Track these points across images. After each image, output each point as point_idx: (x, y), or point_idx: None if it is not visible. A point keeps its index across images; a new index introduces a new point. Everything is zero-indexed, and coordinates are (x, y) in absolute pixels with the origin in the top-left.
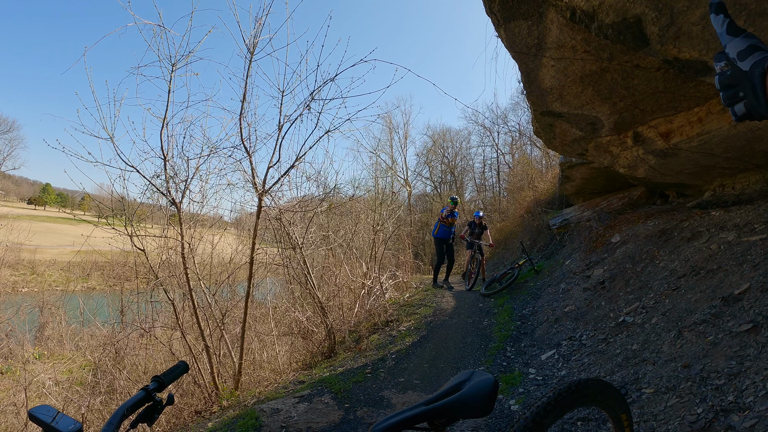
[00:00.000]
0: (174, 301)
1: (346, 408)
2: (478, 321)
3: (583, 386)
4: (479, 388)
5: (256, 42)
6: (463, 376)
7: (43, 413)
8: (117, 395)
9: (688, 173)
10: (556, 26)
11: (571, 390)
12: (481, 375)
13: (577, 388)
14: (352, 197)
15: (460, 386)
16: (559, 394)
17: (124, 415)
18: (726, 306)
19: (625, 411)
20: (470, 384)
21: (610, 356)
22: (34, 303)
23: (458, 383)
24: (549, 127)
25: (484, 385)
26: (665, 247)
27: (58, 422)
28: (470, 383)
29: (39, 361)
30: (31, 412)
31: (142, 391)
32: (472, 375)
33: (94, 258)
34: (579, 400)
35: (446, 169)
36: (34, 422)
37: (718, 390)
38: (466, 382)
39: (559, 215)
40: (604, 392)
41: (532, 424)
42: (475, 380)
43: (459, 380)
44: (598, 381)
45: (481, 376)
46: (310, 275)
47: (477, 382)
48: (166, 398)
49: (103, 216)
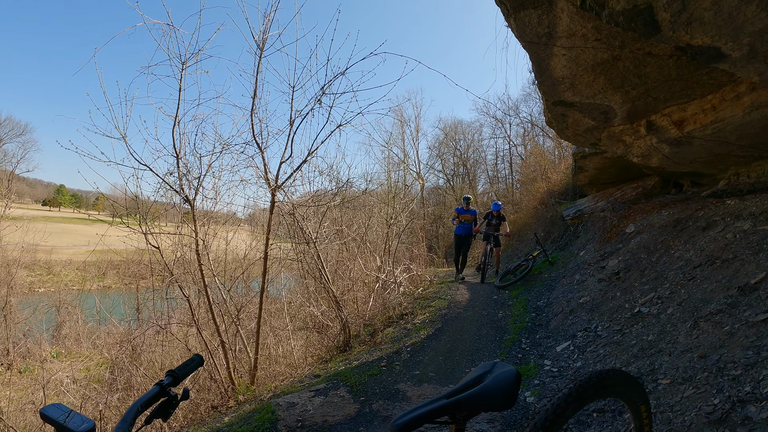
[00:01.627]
0: (189, 298)
1: (362, 401)
2: (492, 313)
3: (604, 377)
4: (501, 380)
5: (266, 38)
6: (484, 367)
7: (55, 412)
8: (134, 392)
9: (702, 162)
10: (566, 14)
11: (591, 381)
12: (503, 366)
13: (598, 380)
14: (365, 191)
15: (482, 378)
16: (580, 385)
17: (138, 411)
18: (742, 296)
19: (644, 402)
20: (492, 376)
21: (626, 347)
22: (50, 303)
23: (479, 375)
24: (561, 117)
25: (507, 377)
26: (680, 237)
27: (70, 421)
28: (492, 375)
29: (56, 359)
30: (42, 411)
31: (156, 386)
32: (493, 366)
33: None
34: (599, 391)
35: (458, 162)
36: (46, 422)
37: (734, 380)
38: (487, 374)
39: (573, 206)
40: (624, 383)
41: (553, 416)
42: (496, 372)
43: (480, 372)
44: (619, 372)
45: (503, 367)
46: (324, 270)
47: (499, 374)
48: (182, 393)
49: (117, 215)
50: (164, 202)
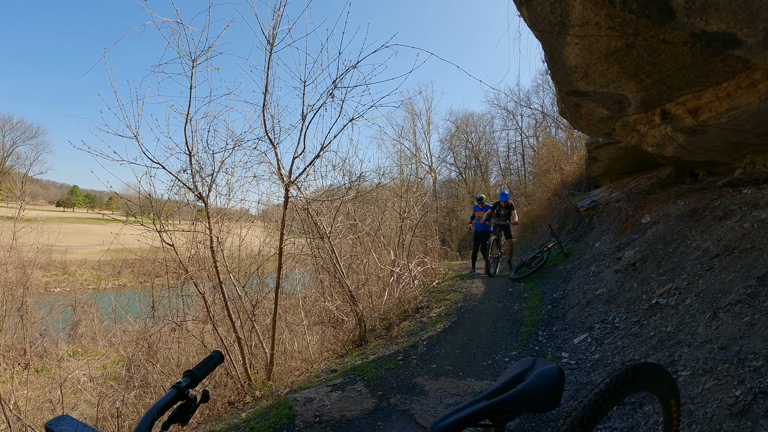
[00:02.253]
0: (204, 295)
1: (379, 395)
2: (508, 306)
3: (639, 371)
4: (544, 378)
5: (275, 33)
6: (524, 364)
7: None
8: (151, 389)
9: (717, 150)
10: (579, 2)
11: (628, 375)
12: (545, 364)
13: (634, 373)
14: (378, 185)
15: (522, 377)
16: (617, 380)
17: (154, 418)
18: (762, 286)
19: (674, 396)
20: (533, 374)
21: (644, 339)
22: (66, 302)
23: (519, 373)
24: (574, 106)
25: (549, 376)
26: (697, 227)
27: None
28: (533, 373)
29: (73, 358)
30: (48, 426)
31: (173, 389)
32: (534, 364)
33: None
34: (635, 385)
35: (470, 155)
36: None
37: (756, 372)
38: (528, 371)
39: (587, 197)
40: (657, 377)
41: (591, 413)
42: (538, 370)
43: (519, 369)
44: (653, 365)
45: (545, 365)
46: (339, 264)
47: (541, 372)
48: (201, 395)
49: (131, 214)
50: (178, 199)
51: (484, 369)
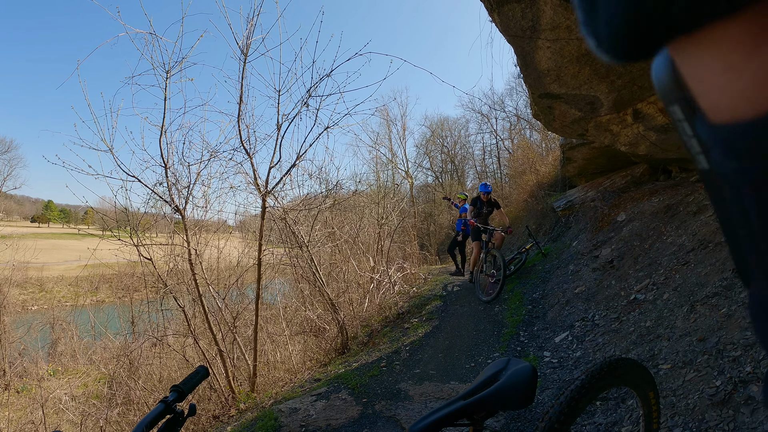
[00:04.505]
0: (184, 308)
1: (364, 403)
2: (489, 308)
3: (614, 366)
4: (518, 377)
5: (249, 43)
6: (498, 364)
7: None
8: (134, 406)
9: None
10: (549, 7)
11: (603, 371)
12: (518, 363)
13: (609, 369)
14: (355, 192)
15: (497, 376)
16: (592, 376)
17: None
18: (737, 277)
19: (652, 389)
20: (508, 374)
21: (624, 334)
22: (44, 320)
23: (494, 373)
24: (548, 109)
25: (523, 374)
26: (672, 223)
27: None
28: (507, 373)
29: (54, 377)
30: None
31: (161, 403)
32: (508, 363)
33: (101, 271)
34: (611, 380)
35: (446, 159)
36: None
37: (735, 361)
38: (502, 371)
39: (563, 197)
40: (633, 371)
41: (568, 409)
42: (512, 369)
43: (494, 370)
44: (628, 360)
45: (518, 364)
46: (318, 273)
47: (515, 371)
48: (188, 409)
49: (107, 228)
50: (154, 212)
51: (468, 371)
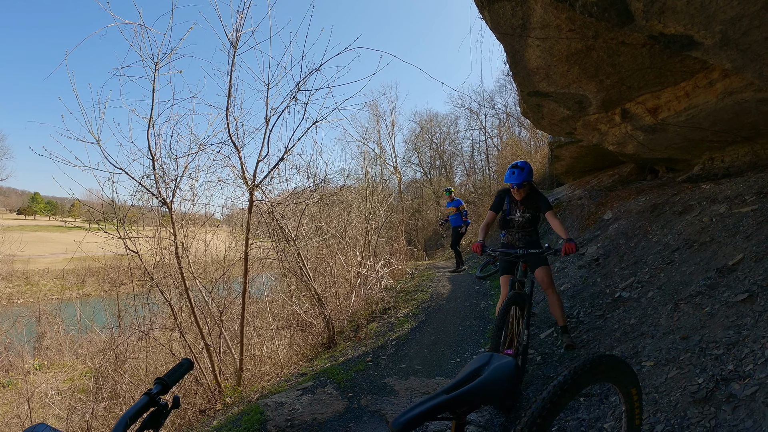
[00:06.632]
0: (171, 302)
1: (350, 397)
2: (475, 304)
3: (597, 363)
4: (500, 372)
5: (239, 36)
6: (481, 359)
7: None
8: (120, 400)
9: (677, 148)
10: (540, 6)
11: (585, 368)
12: (501, 359)
13: (592, 365)
14: (343, 187)
15: (480, 371)
16: (575, 372)
17: (127, 425)
18: (721, 277)
19: (635, 385)
20: (490, 369)
21: (609, 332)
22: (30, 314)
23: (477, 368)
24: (537, 107)
25: (505, 369)
26: (657, 222)
27: None
28: (490, 368)
29: (39, 371)
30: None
31: (145, 396)
32: (491, 359)
33: (87, 264)
34: (593, 377)
35: (435, 155)
36: None
37: (717, 360)
38: (485, 366)
39: (551, 195)
40: (616, 368)
41: (550, 404)
42: (494, 364)
43: (477, 365)
44: (611, 356)
45: (500, 359)
46: (305, 267)
47: (497, 366)
48: (172, 401)
49: (94, 221)
50: (141, 205)
51: (453, 367)
